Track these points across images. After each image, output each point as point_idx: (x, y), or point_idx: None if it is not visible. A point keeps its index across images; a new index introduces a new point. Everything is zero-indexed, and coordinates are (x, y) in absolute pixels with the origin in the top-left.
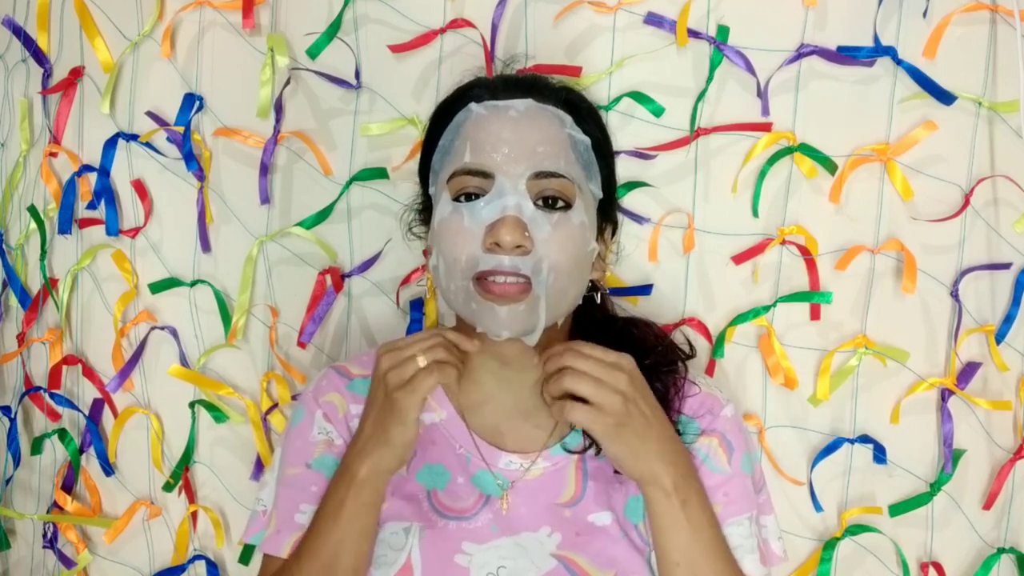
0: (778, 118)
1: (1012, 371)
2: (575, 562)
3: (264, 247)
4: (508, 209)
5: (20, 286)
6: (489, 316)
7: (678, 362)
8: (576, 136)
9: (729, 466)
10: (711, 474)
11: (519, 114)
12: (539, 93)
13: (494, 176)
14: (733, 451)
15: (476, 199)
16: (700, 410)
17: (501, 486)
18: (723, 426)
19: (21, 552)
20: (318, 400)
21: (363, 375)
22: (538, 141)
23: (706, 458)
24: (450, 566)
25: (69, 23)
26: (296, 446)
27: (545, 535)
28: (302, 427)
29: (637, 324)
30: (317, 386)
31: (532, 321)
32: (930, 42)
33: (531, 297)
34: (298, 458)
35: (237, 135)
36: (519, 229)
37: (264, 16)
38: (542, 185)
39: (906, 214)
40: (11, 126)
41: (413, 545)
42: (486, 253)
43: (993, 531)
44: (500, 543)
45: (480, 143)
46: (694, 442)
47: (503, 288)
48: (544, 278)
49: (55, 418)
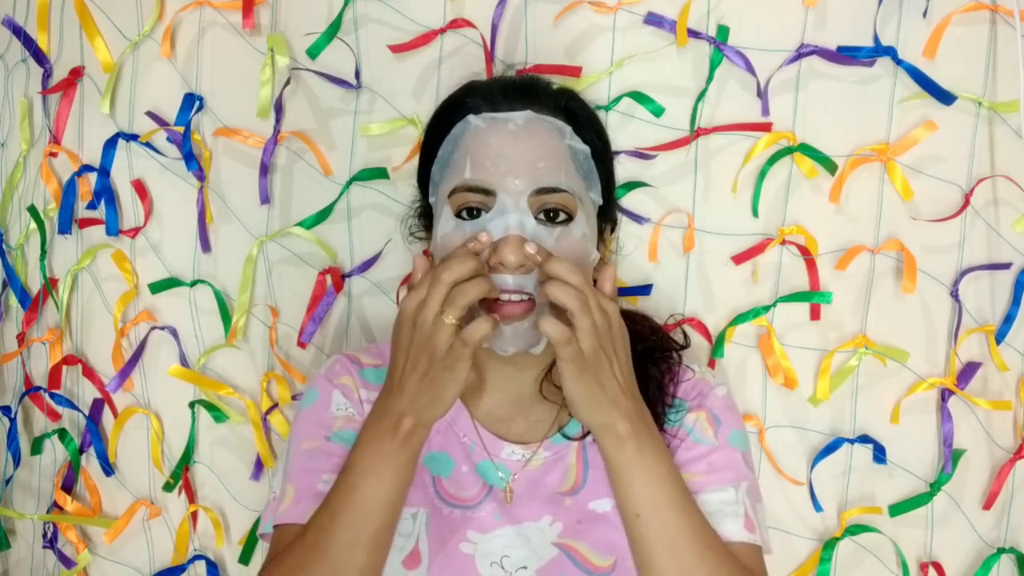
0: (778, 118)
1: (1012, 371)
2: (576, 549)
3: (264, 247)
4: (511, 228)
5: (20, 286)
6: (494, 335)
7: (672, 351)
8: (576, 146)
9: (715, 439)
10: (695, 445)
11: (518, 128)
12: (538, 102)
13: (495, 193)
14: (720, 425)
15: (478, 214)
16: (691, 392)
17: (503, 478)
18: (712, 403)
19: (21, 552)
20: (332, 381)
21: (373, 364)
22: (538, 156)
23: (691, 430)
24: (456, 554)
25: (69, 23)
26: (313, 422)
27: (547, 524)
28: (318, 406)
29: (633, 317)
30: (329, 370)
31: (536, 336)
32: (930, 42)
33: (535, 313)
34: (316, 432)
35: (237, 135)
36: (522, 248)
37: (264, 16)
38: (543, 200)
39: (906, 214)
40: (11, 126)
41: (421, 531)
42: (490, 273)
43: (993, 531)
44: (503, 532)
45: (480, 159)
46: (683, 418)
47: (507, 308)
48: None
49: (55, 418)
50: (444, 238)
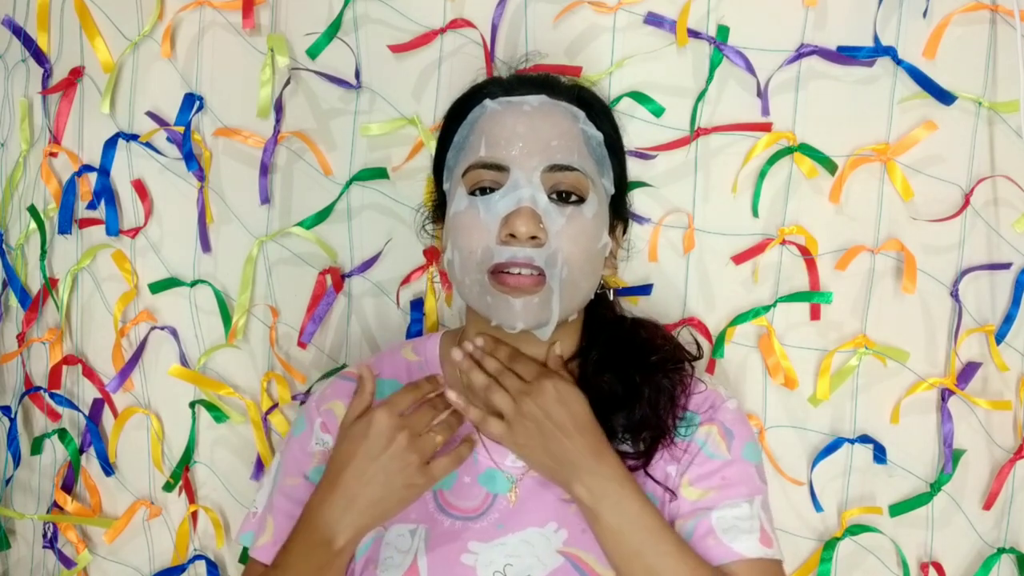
0: (778, 118)
1: (1012, 371)
2: (582, 559)
3: (264, 247)
4: (523, 201)
5: (20, 286)
6: (504, 308)
7: (685, 362)
8: (589, 131)
9: (728, 453)
10: (708, 460)
11: (533, 109)
12: (552, 89)
13: (509, 169)
14: (733, 439)
15: (491, 192)
16: (703, 405)
17: (509, 482)
18: (723, 416)
19: (21, 552)
20: (319, 408)
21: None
22: (552, 135)
23: (703, 445)
24: (456, 566)
25: (69, 23)
26: (296, 456)
27: (552, 531)
28: (302, 437)
29: (645, 325)
30: (321, 394)
31: (546, 314)
32: (930, 42)
33: (545, 290)
34: (297, 468)
35: (237, 135)
36: (534, 220)
37: (264, 16)
38: (556, 178)
39: (906, 214)
40: (11, 126)
41: (419, 547)
42: (501, 245)
43: (993, 531)
44: (506, 540)
45: (495, 137)
46: (695, 432)
47: (517, 280)
48: (558, 271)
49: (55, 418)
50: (457, 216)
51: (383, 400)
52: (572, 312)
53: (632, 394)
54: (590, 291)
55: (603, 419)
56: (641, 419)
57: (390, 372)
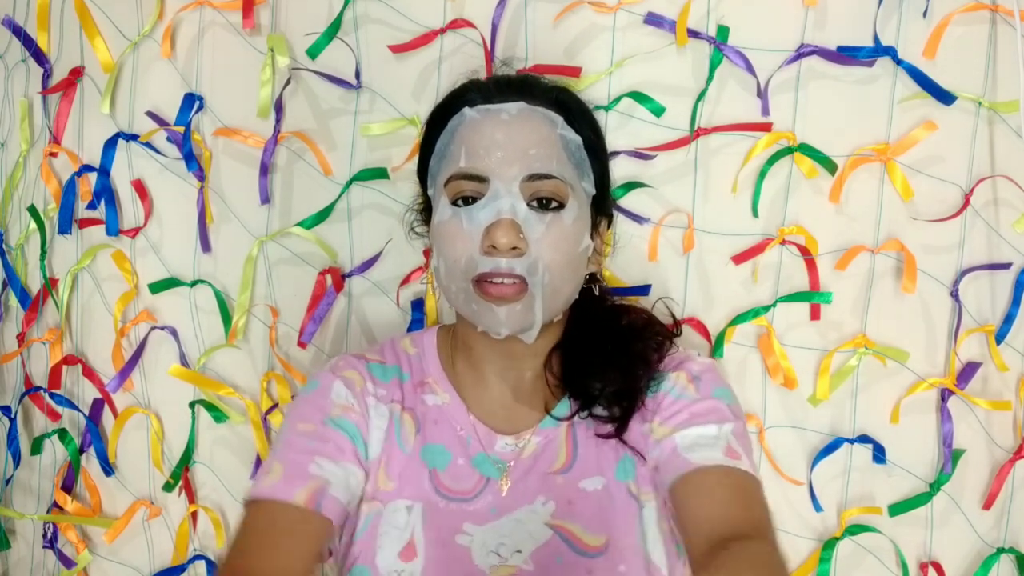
0: (778, 118)
1: (1012, 371)
2: (569, 530)
3: (264, 247)
4: (503, 212)
5: (20, 286)
6: (489, 316)
7: (664, 338)
8: (567, 136)
9: (697, 393)
10: (675, 401)
11: (511, 117)
12: (530, 95)
13: (489, 180)
14: (701, 383)
15: (473, 202)
16: (672, 362)
17: (500, 469)
18: (691, 367)
19: (21, 552)
20: (336, 373)
21: (378, 360)
22: (530, 143)
23: (671, 389)
24: (451, 546)
25: (69, 23)
26: (311, 406)
27: (540, 504)
28: (316, 393)
29: (628, 310)
30: (334, 364)
31: (529, 319)
32: (930, 42)
33: (527, 296)
34: (313, 416)
35: (237, 135)
36: (514, 231)
37: (264, 16)
38: (535, 187)
39: (906, 214)
40: (11, 126)
41: (416, 524)
42: (483, 256)
43: (993, 531)
44: (500, 523)
45: (474, 147)
46: (662, 383)
47: (500, 289)
48: (539, 278)
49: (55, 418)
50: (440, 226)
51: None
52: (556, 314)
53: (609, 363)
54: (573, 292)
55: (581, 388)
56: (617, 389)
57: (392, 360)
